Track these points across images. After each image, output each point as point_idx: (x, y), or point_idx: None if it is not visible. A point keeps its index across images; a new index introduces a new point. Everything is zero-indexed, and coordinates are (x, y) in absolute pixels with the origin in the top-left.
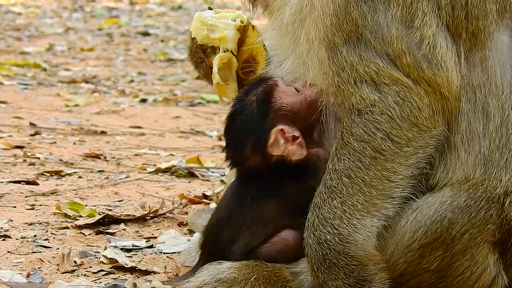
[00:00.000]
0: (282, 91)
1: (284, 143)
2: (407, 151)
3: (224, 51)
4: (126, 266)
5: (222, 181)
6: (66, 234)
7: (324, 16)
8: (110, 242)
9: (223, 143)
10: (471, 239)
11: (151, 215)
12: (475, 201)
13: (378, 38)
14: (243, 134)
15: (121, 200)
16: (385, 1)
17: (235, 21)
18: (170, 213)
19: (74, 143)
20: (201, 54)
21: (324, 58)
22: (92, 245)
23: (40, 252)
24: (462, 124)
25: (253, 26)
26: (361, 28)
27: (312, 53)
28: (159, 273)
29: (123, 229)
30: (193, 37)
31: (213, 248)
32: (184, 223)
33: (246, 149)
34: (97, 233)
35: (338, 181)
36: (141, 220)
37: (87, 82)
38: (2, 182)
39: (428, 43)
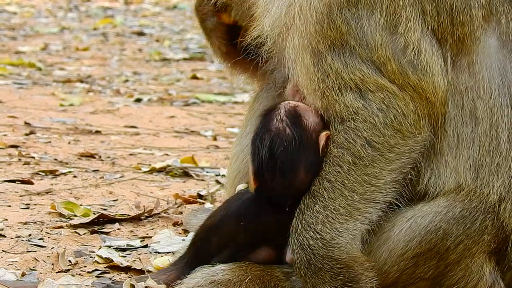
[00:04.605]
0: (303, 108)
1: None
2: (389, 157)
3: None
4: (121, 265)
5: (217, 181)
6: (61, 234)
7: (307, 24)
8: (104, 241)
9: (217, 143)
10: (466, 249)
11: (145, 214)
12: (470, 212)
13: (363, 45)
14: (293, 161)
15: (116, 200)
16: (369, 8)
17: None
18: (164, 212)
19: (69, 143)
20: (212, 7)
21: (309, 65)
22: (87, 244)
23: (35, 251)
24: (449, 129)
25: None
26: (345, 35)
27: (298, 60)
28: (156, 272)
29: (117, 229)
30: None
31: (199, 249)
32: (179, 222)
33: (298, 174)
34: (92, 232)
35: (319, 186)
36: (135, 219)
37: (82, 81)
38: None
39: (413, 49)
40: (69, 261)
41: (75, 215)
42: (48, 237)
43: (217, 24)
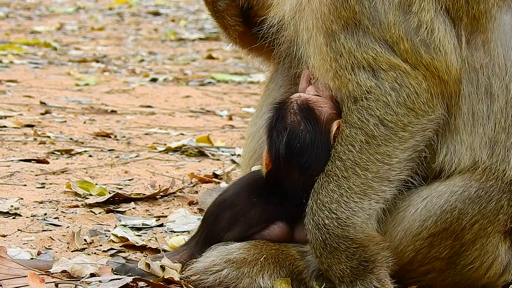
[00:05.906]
0: (315, 100)
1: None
2: (403, 135)
3: None
4: (136, 244)
5: (232, 160)
6: (76, 213)
7: (321, 5)
8: (120, 220)
9: (233, 122)
10: (481, 229)
11: (161, 194)
12: (486, 192)
13: (376, 24)
14: (309, 156)
15: (131, 179)
16: None
17: None
18: (180, 192)
19: (85, 122)
20: None
21: (322, 45)
22: (102, 223)
23: (50, 230)
24: (464, 106)
25: None
26: (359, 15)
27: (311, 41)
28: (169, 251)
29: (133, 208)
30: None
31: (210, 226)
32: (194, 202)
33: (313, 167)
34: (107, 211)
35: (333, 165)
36: (151, 199)
37: (97, 61)
38: (12, 161)
39: (426, 28)
40: (85, 240)
41: (91, 194)
42: (64, 216)
43: (230, 3)
